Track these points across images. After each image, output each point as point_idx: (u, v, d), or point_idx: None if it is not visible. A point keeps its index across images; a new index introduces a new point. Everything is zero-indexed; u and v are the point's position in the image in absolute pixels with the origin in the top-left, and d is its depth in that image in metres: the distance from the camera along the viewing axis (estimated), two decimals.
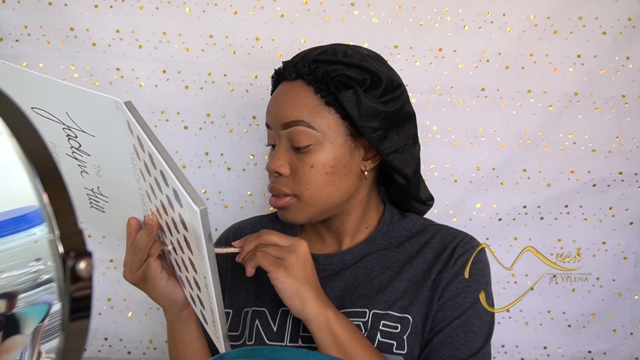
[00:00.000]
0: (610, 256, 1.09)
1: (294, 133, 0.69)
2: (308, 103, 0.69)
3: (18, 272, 0.32)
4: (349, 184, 0.72)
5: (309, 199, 0.70)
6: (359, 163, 0.72)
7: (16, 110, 0.29)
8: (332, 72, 0.68)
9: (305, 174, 0.69)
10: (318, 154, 0.69)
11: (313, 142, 0.69)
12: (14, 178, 0.28)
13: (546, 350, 1.10)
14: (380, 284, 0.72)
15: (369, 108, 0.68)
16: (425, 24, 1.05)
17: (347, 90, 0.67)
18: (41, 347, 0.31)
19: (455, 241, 0.74)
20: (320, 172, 0.69)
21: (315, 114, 0.69)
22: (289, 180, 0.71)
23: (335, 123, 0.69)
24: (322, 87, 0.68)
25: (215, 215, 1.09)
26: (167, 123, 1.07)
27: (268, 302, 0.75)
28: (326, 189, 0.70)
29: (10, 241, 0.33)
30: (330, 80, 0.68)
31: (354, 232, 0.77)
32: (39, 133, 0.28)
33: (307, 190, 0.70)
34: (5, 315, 0.31)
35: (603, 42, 1.05)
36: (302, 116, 0.69)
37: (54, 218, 0.26)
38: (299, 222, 0.73)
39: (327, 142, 0.69)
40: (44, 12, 1.02)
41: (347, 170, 0.71)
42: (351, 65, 0.69)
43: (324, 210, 0.72)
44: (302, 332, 0.71)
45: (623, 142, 1.08)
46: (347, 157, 0.70)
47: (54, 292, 0.28)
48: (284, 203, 0.71)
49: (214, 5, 1.04)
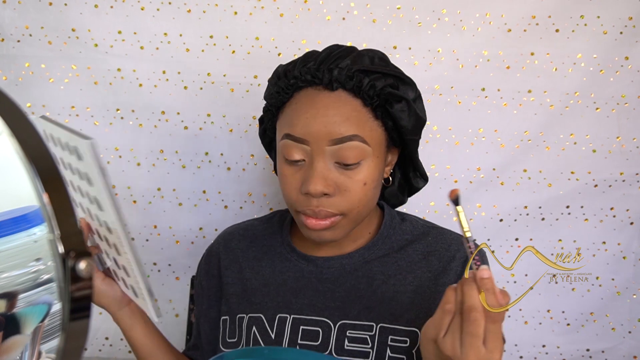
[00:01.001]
0: (610, 256, 1.09)
1: (345, 149, 0.64)
2: (360, 117, 0.65)
3: (18, 272, 0.32)
4: (377, 194, 0.71)
5: (357, 216, 0.68)
6: (382, 170, 0.70)
7: (16, 111, 0.29)
8: (377, 83, 0.65)
9: (358, 192, 0.66)
10: (367, 169, 0.66)
11: (364, 157, 0.65)
12: (14, 178, 0.28)
13: (545, 348, 1.10)
14: (384, 295, 0.70)
15: (418, 119, 0.68)
16: (424, 24, 1.05)
17: (398, 103, 0.65)
18: (41, 347, 0.31)
19: (462, 251, 0.73)
20: (370, 187, 0.67)
21: (367, 128, 0.65)
22: (336, 200, 0.66)
23: (382, 137, 0.67)
24: (371, 100, 0.65)
25: (215, 215, 1.09)
26: (167, 123, 1.07)
27: (263, 308, 0.73)
28: (370, 204, 0.69)
29: (10, 241, 0.33)
30: (380, 92, 0.65)
31: (356, 237, 0.75)
32: (39, 133, 0.28)
33: (356, 208, 0.67)
34: (6, 315, 0.31)
35: (604, 41, 1.05)
36: (357, 131, 0.64)
37: (54, 218, 0.27)
38: (336, 240, 0.69)
39: (375, 156, 0.66)
40: (44, 13, 1.03)
41: (379, 182, 0.70)
42: (390, 75, 0.67)
43: (357, 224, 0.71)
44: (301, 340, 0.70)
45: (623, 142, 1.08)
46: (382, 167, 0.69)
47: (54, 292, 0.28)
48: (331, 223, 0.66)
49: (214, 5, 1.04)
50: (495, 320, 0.51)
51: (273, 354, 0.46)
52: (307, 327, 0.70)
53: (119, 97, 1.06)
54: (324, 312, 0.71)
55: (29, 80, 1.04)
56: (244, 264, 0.79)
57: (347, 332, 0.69)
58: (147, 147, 1.07)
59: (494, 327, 0.51)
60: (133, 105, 1.06)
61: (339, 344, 0.68)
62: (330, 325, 0.70)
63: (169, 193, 1.09)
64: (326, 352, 0.68)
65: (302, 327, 0.70)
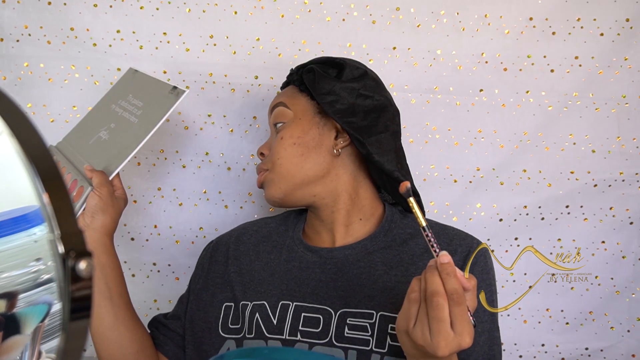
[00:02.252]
0: (609, 255, 1.09)
1: (274, 115, 0.81)
2: (289, 92, 0.82)
3: (18, 272, 0.32)
4: (320, 159, 0.76)
5: (279, 168, 0.77)
6: (330, 141, 0.77)
7: (16, 110, 0.29)
8: (307, 67, 0.80)
9: (276, 146, 0.78)
10: (288, 128, 0.78)
11: (286, 119, 0.79)
12: (14, 178, 0.28)
13: (544, 347, 1.10)
14: (385, 285, 0.72)
15: (324, 84, 0.77)
16: (423, 25, 1.05)
17: (308, 73, 0.79)
18: (41, 347, 0.31)
19: (464, 245, 0.74)
20: (288, 142, 0.77)
21: (292, 98, 0.81)
22: (267, 158, 0.81)
23: (306, 103, 0.79)
24: (297, 78, 0.82)
25: (215, 215, 1.09)
26: (168, 123, 1.07)
27: (267, 295, 0.75)
28: (295, 159, 0.76)
29: (10, 241, 0.33)
30: (302, 70, 0.81)
31: (346, 221, 0.78)
32: (39, 133, 0.28)
33: (277, 160, 0.77)
34: (5, 315, 0.31)
35: (601, 43, 1.05)
36: (282, 99, 0.81)
37: (54, 218, 0.27)
38: (276, 198, 0.78)
39: (297, 118, 0.79)
40: (44, 12, 1.03)
41: (317, 144, 0.77)
42: (321, 62, 0.81)
43: (296, 182, 0.76)
44: (302, 326, 0.71)
45: (623, 143, 1.08)
46: (315, 131, 0.77)
47: (54, 292, 0.28)
48: (261, 177, 0.80)
49: (214, 5, 1.04)
50: (459, 303, 0.52)
51: (273, 354, 0.46)
52: (309, 315, 0.72)
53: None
54: (326, 300, 0.72)
55: (28, 80, 1.04)
56: (253, 256, 0.82)
57: (347, 320, 0.70)
58: (147, 147, 1.07)
59: (459, 310, 0.52)
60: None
61: (339, 331, 0.70)
62: (331, 313, 0.71)
63: (169, 193, 1.09)
64: (326, 339, 0.70)
65: (303, 314, 0.72)
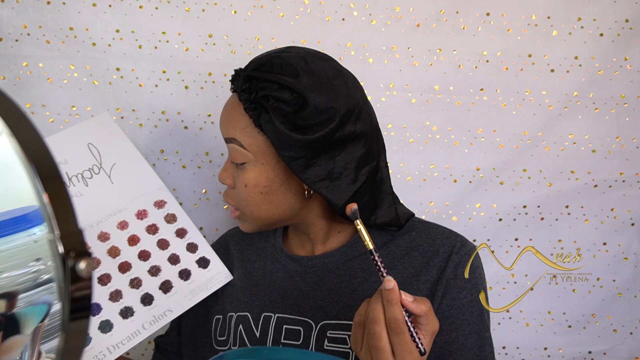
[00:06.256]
0: (611, 257, 1.09)
1: (230, 149, 0.70)
2: (240, 121, 0.67)
3: (18, 272, 0.32)
4: (291, 202, 0.70)
5: (250, 214, 0.71)
6: (300, 183, 0.69)
7: (16, 111, 0.29)
8: (260, 91, 0.64)
9: (242, 192, 0.70)
10: (250, 173, 0.68)
11: (246, 160, 0.68)
12: (14, 178, 0.28)
13: (547, 351, 1.10)
14: (364, 293, 0.70)
15: (284, 136, 0.63)
16: (423, 25, 1.05)
17: (266, 114, 0.64)
18: (41, 347, 0.31)
19: (447, 245, 0.70)
20: (254, 191, 0.69)
21: (245, 133, 0.67)
22: (234, 193, 0.72)
23: (265, 144, 0.67)
24: (250, 107, 0.66)
25: (215, 215, 1.09)
26: (168, 123, 1.07)
27: (250, 306, 0.74)
28: (264, 207, 0.70)
29: (10, 241, 0.33)
30: (254, 99, 0.65)
31: (323, 239, 0.75)
32: (39, 133, 0.28)
33: (246, 207, 0.71)
34: (6, 315, 0.31)
35: (601, 43, 1.05)
36: (234, 134, 0.68)
37: (54, 218, 0.26)
38: (251, 232, 0.75)
39: (259, 162, 0.68)
40: (42, 12, 1.02)
41: (286, 189, 0.69)
42: (281, 85, 0.64)
43: (270, 223, 0.72)
44: (284, 339, 0.70)
45: (623, 143, 1.08)
46: (282, 177, 0.68)
47: (54, 292, 0.28)
48: (234, 215, 0.74)
49: (213, 4, 1.04)
50: (397, 332, 0.50)
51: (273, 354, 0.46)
52: (290, 327, 0.71)
53: (119, 97, 1.06)
54: (308, 312, 0.71)
55: (27, 79, 1.04)
56: (238, 264, 0.81)
57: (327, 333, 0.69)
58: (147, 147, 1.07)
59: (398, 340, 0.50)
60: (133, 104, 1.06)
61: (319, 344, 0.68)
62: (311, 325, 0.70)
63: None
64: None
65: (285, 327, 0.71)
